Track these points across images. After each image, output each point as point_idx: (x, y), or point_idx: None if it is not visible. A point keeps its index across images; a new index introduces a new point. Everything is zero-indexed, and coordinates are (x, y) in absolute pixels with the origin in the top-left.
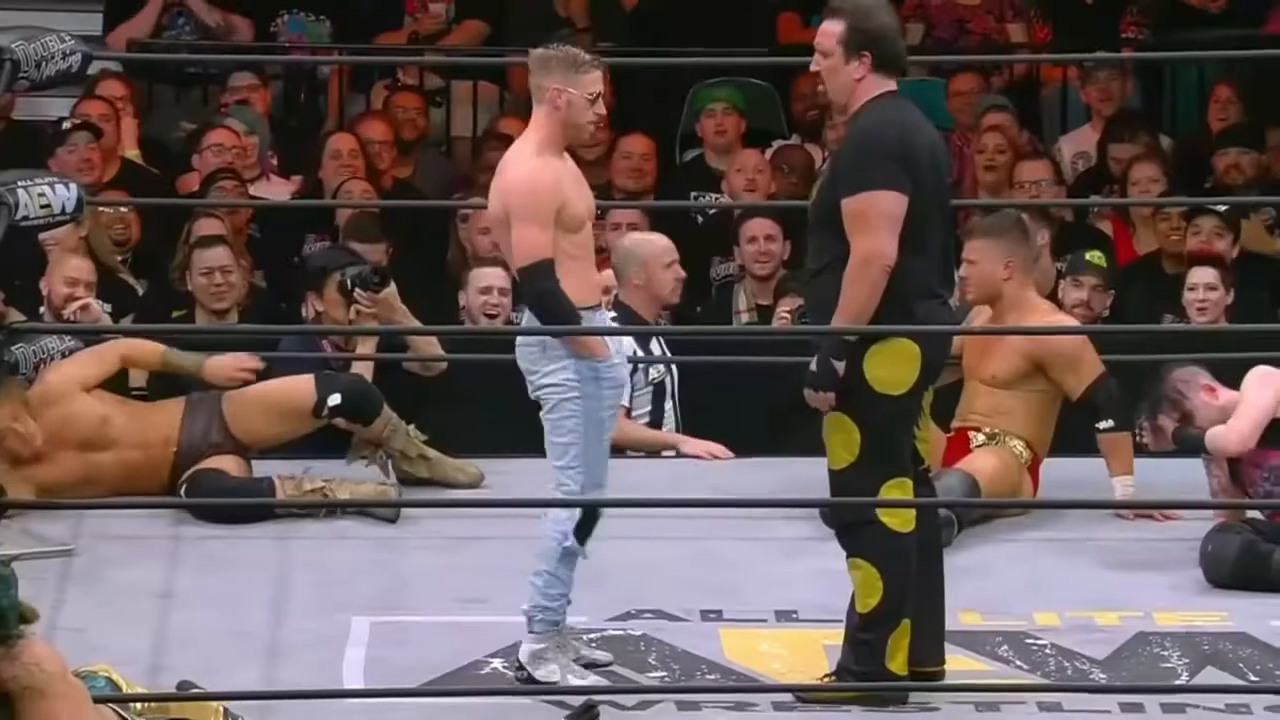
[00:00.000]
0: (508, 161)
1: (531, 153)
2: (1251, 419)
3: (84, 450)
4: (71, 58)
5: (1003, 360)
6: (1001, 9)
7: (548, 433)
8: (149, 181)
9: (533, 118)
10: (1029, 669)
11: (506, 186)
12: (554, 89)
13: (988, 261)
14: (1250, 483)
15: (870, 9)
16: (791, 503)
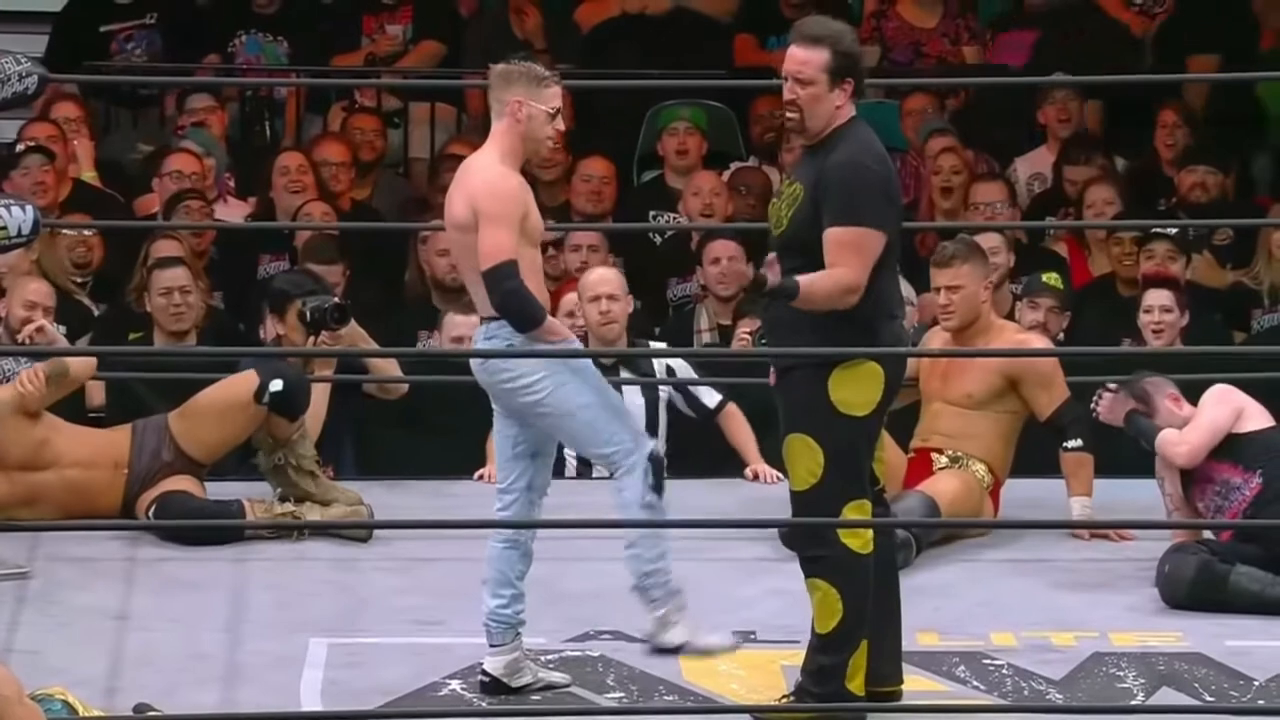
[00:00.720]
0: (471, 167)
1: (496, 160)
2: (1205, 433)
3: (25, 470)
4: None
5: (978, 379)
6: (957, 32)
7: (558, 424)
8: (106, 203)
9: (493, 131)
10: (986, 689)
11: (475, 189)
12: (515, 102)
13: (971, 285)
14: (1201, 497)
15: (845, 35)
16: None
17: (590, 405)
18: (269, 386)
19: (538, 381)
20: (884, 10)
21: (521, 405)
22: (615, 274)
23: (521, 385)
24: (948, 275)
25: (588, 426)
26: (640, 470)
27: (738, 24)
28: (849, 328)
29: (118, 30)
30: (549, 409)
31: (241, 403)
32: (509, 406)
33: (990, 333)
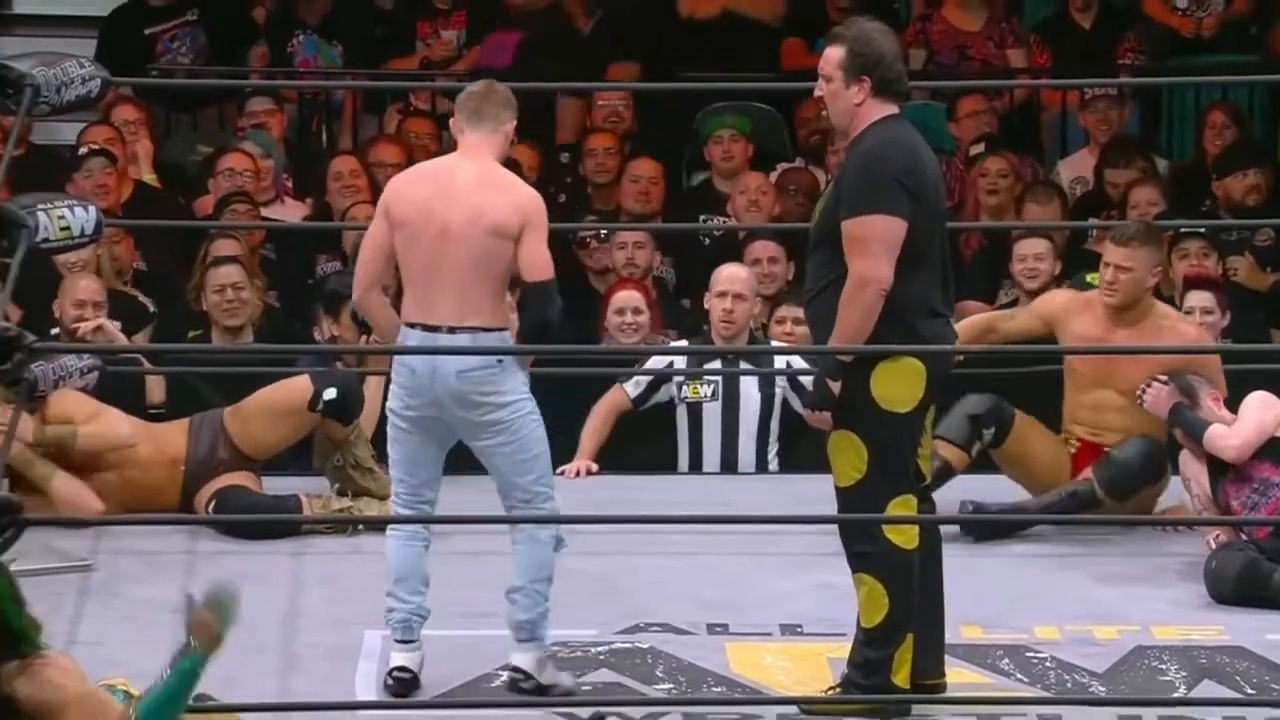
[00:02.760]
0: (506, 179)
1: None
2: (1254, 431)
3: (88, 471)
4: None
5: (1154, 364)
6: (1002, 35)
7: (511, 452)
8: (163, 204)
9: (483, 143)
10: (1029, 681)
11: (523, 201)
12: (511, 126)
13: (1140, 270)
14: (1235, 495)
15: (870, 35)
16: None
17: (544, 440)
18: (323, 395)
19: (518, 403)
20: (930, 14)
21: (485, 421)
22: (747, 274)
23: (502, 403)
24: (1121, 254)
25: (536, 459)
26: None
27: (786, 28)
28: (888, 325)
29: (160, 31)
30: (514, 434)
31: (296, 407)
32: (467, 420)
33: (1154, 317)
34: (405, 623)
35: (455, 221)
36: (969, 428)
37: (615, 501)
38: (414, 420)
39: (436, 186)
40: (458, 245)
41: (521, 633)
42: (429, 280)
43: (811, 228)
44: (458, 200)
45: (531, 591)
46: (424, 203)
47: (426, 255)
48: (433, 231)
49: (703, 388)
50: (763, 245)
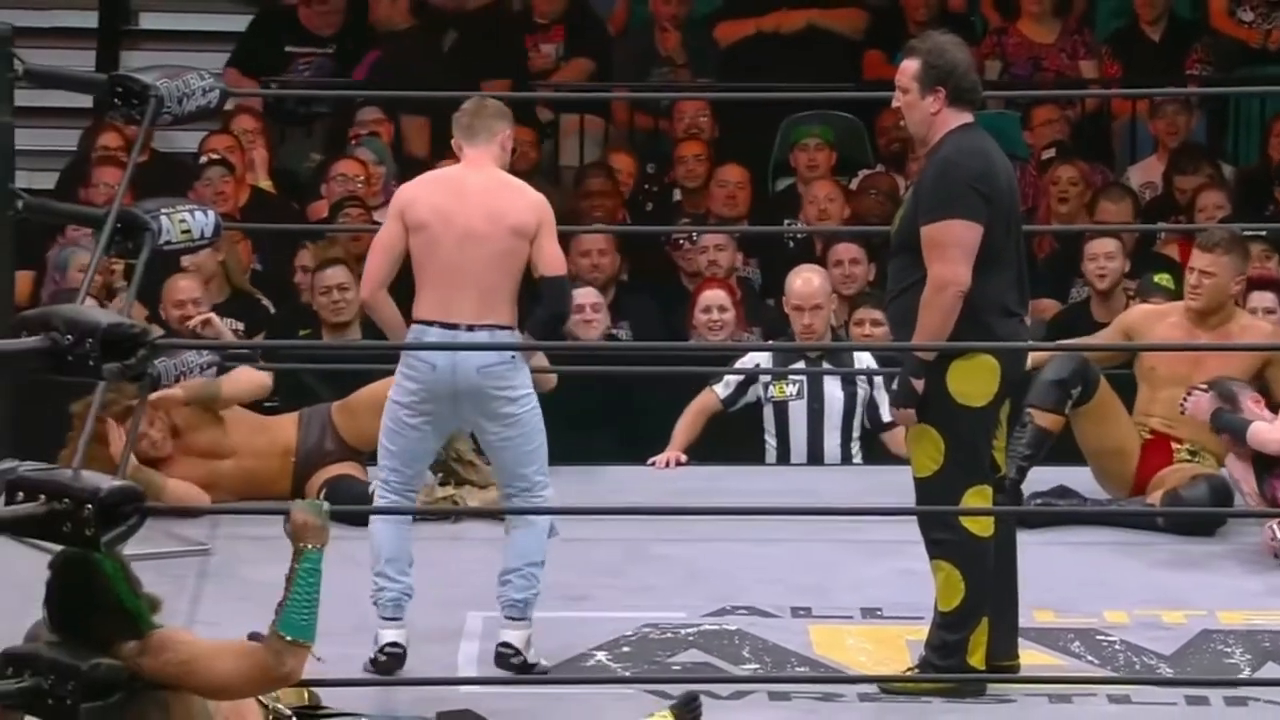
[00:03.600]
0: (516, 183)
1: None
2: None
3: (207, 458)
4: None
5: (1236, 367)
6: (1074, 47)
7: (519, 444)
8: (278, 208)
9: (483, 154)
10: (1099, 663)
11: (537, 202)
12: (507, 135)
13: (1224, 276)
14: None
15: (944, 47)
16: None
17: (544, 433)
18: None
19: (526, 398)
20: (1005, 27)
21: (500, 414)
22: (820, 280)
23: (514, 397)
24: (1206, 259)
25: (539, 450)
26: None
27: (867, 40)
28: (965, 324)
29: (299, 55)
30: (522, 427)
31: None
32: (482, 414)
33: (1237, 319)
34: (396, 601)
35: (477, 223)
36: (1058, 391)
37: (702, 491)
38: (425, 415)
39: (451, 192)
40: (481, 246)
41: (514, 611)
42: (450, 281)
43: (892, 234)
44: (476, 204)
45: (527, 573)
46: (441, 206)
47: (448, 257)
48: (455, 234)
49: (788, 387)
50: (844, 248)
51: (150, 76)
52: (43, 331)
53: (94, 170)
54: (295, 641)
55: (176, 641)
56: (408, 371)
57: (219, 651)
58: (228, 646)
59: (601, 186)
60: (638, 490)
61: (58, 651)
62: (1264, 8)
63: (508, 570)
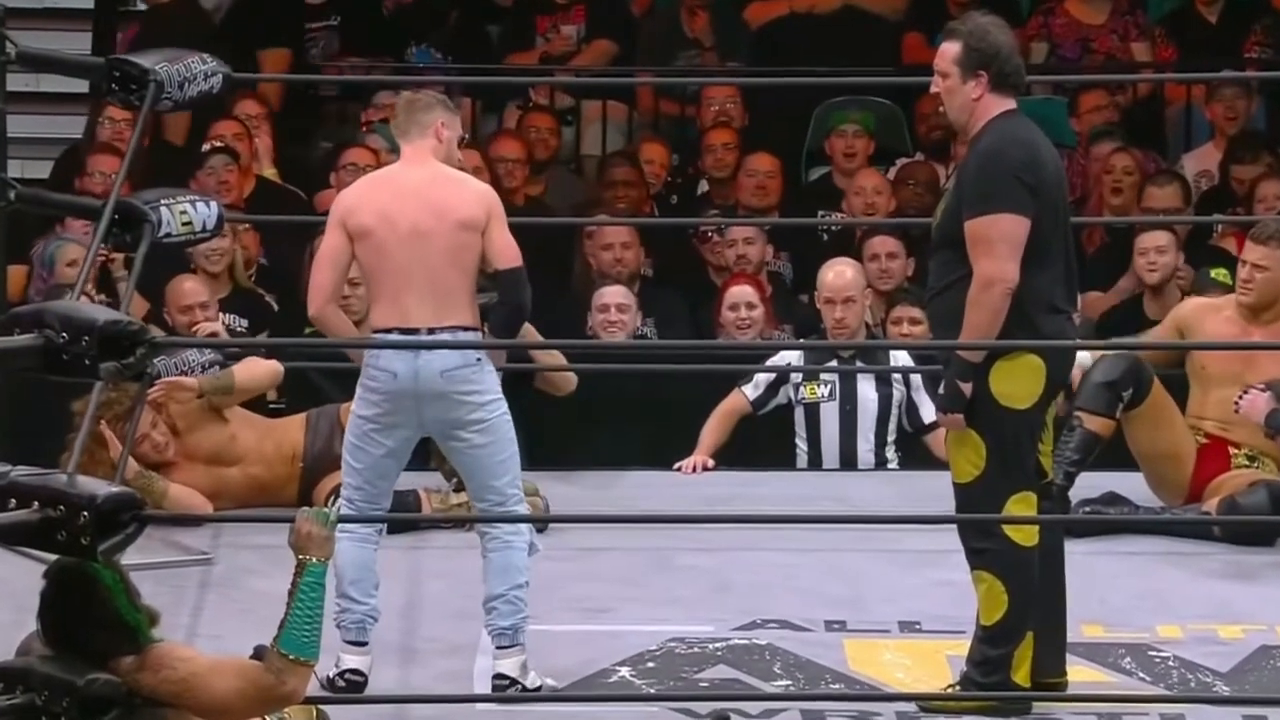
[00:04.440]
0: (457, 175)
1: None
2: None
3: (212, 465)
4: (213, 79)
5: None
6: (1126, 29)
7: (490, 453)
8: (284, 199)
9: (420, 148)
10: (1151, 680)
11: (483, 192)
12: (439, 124)
13: (1278, 269)
14: None
15: (985, 29)
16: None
17: (515, 441)
18: None
19: (493, 403)
20: (1052, 8)
21: (467, 420)
22: (853, 273)
23: (482, 401)
24: (1259, 253)
25: (511, 460)
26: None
27: (907, 22)
28: (1009, 321)
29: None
30: (492, 434)
31: None
32: (447, 421)
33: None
34: (359, 624)
35: (423, 221)
36: (1108, 394)
37: (732, 497)
38: (388, 426)
39: (391, 192)
40: (429, 244)
41: (504, 639)
42: (401, 284)
43: (934, 228)
44: (419, 201)
45: (512, 598)
46: (384, 208)
47: (397, 258)
48: (401, 234)
49: (820, 388)
50: (881, 241)
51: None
52: (36, 329)
53: (92, 158)
54: (298, 660)
55: (175, 658)
56: (368, 383)
57: (219, 669)
58: (228, 664)
59: (626, 176)
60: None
61: (52, 666)
62: None
63: (491, 597)
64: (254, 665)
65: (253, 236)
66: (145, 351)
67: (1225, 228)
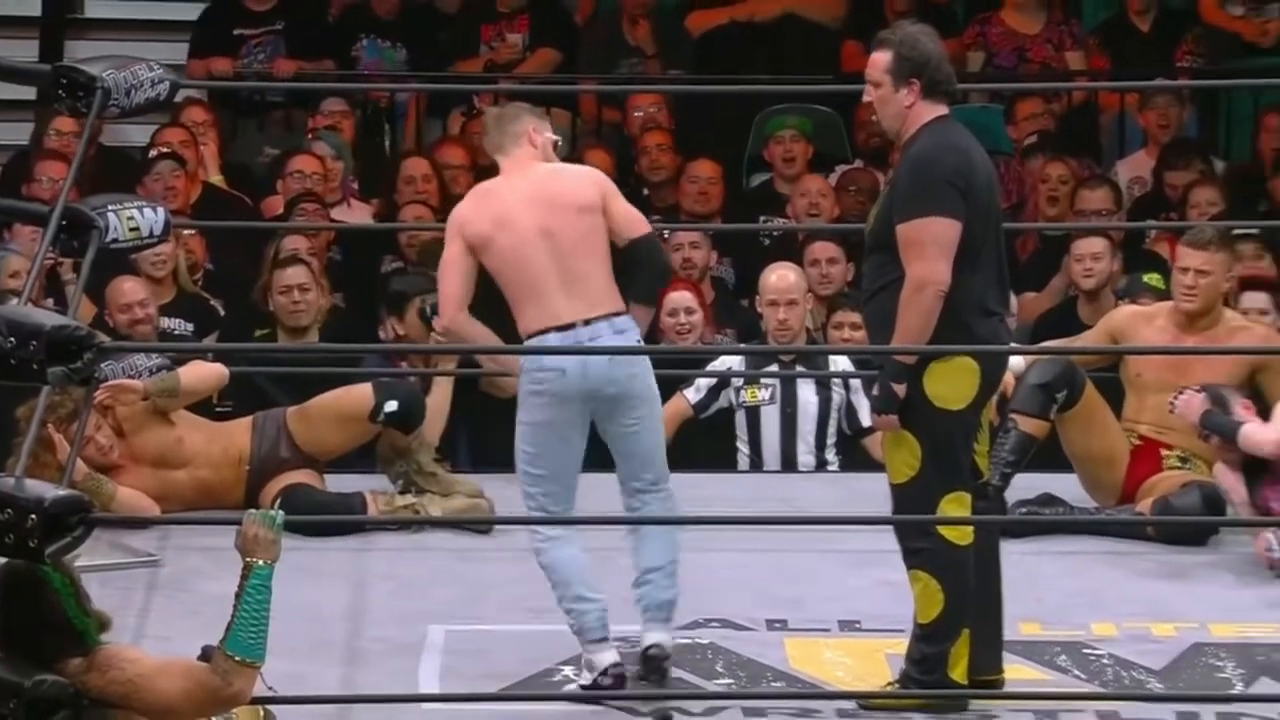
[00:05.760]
0: (556, 168)
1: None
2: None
3: (159, 468)
4: (160, 85)
5: (1224, 371)
6: (1060, 38)
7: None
8: (230, 205)
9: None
10: (1087, 678)
11: (589, 173)
12: (533, 128)
13: (1218, 274)
14: (1276, 497)
15: (915, 38)
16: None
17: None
18: (384, 407)
19: (650, 379)
20: (988, 17)
21: (637, 398)
22: (795, 276)
23: (646, 380)
24: (1200, 258)
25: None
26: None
27: (846, 30)
28: (943, 324)
29: (250, 36)
30: (655, 405)
31: (358, 415)
32: (619, 404)
33: (1222, 324)
34: (601, 620)
35: (543, 218)
36: (1042, 396)
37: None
38: (566, 424)
39: (502, 198)
40: (556, 239)
41: (662, 612)
42: (541, 285)
43: (868, 232)
44: (532, 200)
45: (670, 571)
46: (498, 214)
47: (529, 260)
48: (526, 235)
49: (761, 391)
50: (822, 246)
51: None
52: None
53: (39, 165)
54: (244, 661)
55: (123, 659)
56: (536, 387)
57: (166, 670)
58: (175, 665)
59: None
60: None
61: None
62: (1255, 1)
63: (649, 569)
64: (201, 667)
65: (199, 241)
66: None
67: (1158, 233)
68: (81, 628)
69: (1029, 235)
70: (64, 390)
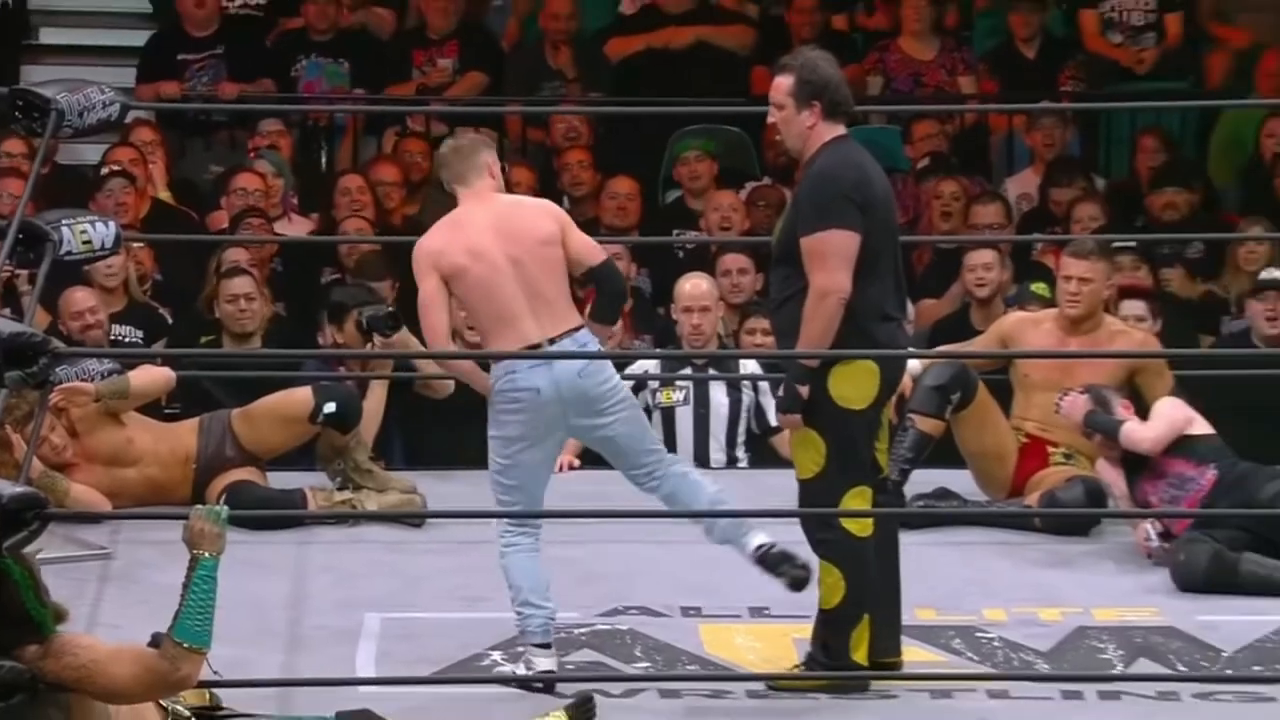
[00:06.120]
0: (518, 202)
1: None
2: (1166, 426)
3: (110, 466)
4: (111, 107)
5: (1107, 373)
6: (953, 64)
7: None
8: (177, 220)
9: (486, 186)
10: (979, 660)
11: (546, 207)
12: (492, 161)
13: (1099, 281)
14: (1153, 491)
15: (815, 63)
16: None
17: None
18: (323, 408)
19: (618, 380)
20: (886, 44)
21: (608, 405)
22: (708, 284)
23: (613, 385)
24: (1082, 267)
25: (644, 418)
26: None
27: (755, 56)
28: (845, 329)
29: (193, 61)
30: (629, 406)
31: (299, 416)
32: (590, 414)
33: (1107, 325)
34: (544, 627)
35: (511, 249)
36: (937, 397)
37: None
38: (538, 439)
39: (473, 230)
40: (523, 268)
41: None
42: (511, 310)
43: (774, 244)
44: (500, 233)
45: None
46: (471, 246)
47: (501, 288)
48: (496, 265)
49: (675, 394)
50: (733, 258)
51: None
52: None
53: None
54: (191, 648)
55: (77, 646)
56: (511, 406)
57: (117, 656)
58: (126, 652)
59: None
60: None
61: None
62: (1132, 30)
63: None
64: (150, 652)
65: (148, 254)
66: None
67: (1044, 245)
68: (39, 618)
69: (925, 247)
70: (19, 393)
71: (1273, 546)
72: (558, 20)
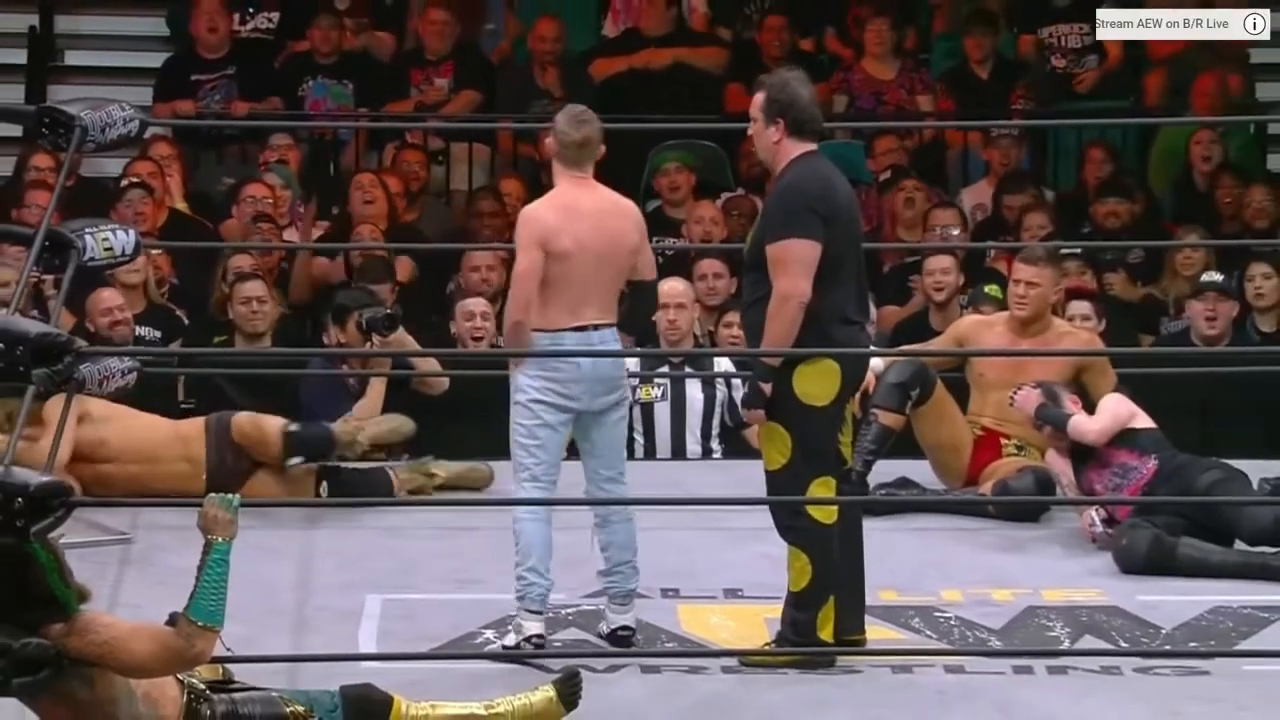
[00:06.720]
0: (619, 205)
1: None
2: (1110, 419)
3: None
4: (130, 124)
5: (1055, 370)
6: (912, 84)
7: (623, 430)
8: (193, 228)
9: (591, 173)
10: (937, 637)
11: (638, 218)
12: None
13: (1046, 286)
14: (1099, 479)
15: (786, 81)
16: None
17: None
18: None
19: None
20: (850, 65)
21: (619, 399)
22: (684, 285)
23: (626, 386)
24: (1030, 272)
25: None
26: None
27: (728, 76)
28: (808, 331)
29: (206, 81)
30: (626, 408)
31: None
32: (606, 401)
33: (1056, 328)
34: (542, 597)
35: (606, 249)
36: (899, 393)
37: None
38: (567, 410)
39: (582, 221)
40: (607, 266)
41: (628, 599)
42: (582, 295)
43: (745, 251)
44: (603, 231)
45: (635, 564)
46: (579, 236)
47: (584, 276)
48: (589, 258)
49: (654, 390)
50: (709, 263)
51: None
52: None
53: (26, 193)
54: (205, 626)
55: (99, 624)
56: (550, 374)
57: (137, 633)
58: (145, 629)
59: (490, 208)
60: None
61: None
62: (1072, 54)
63: (619, 563)
64: (168, 630)
65: (166, 260)
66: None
67: (997, 251)
68: (64, 598)
69: (886, 254)
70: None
71: (1208, 531)
72: (545, 42)
